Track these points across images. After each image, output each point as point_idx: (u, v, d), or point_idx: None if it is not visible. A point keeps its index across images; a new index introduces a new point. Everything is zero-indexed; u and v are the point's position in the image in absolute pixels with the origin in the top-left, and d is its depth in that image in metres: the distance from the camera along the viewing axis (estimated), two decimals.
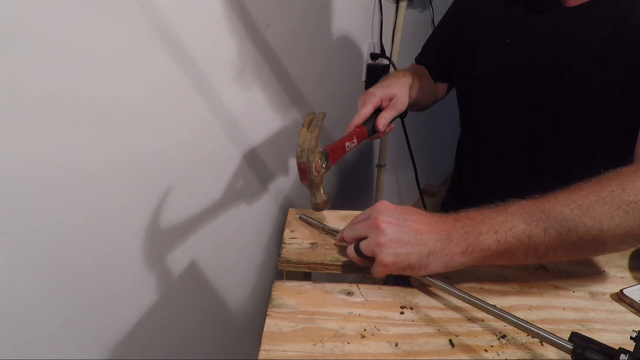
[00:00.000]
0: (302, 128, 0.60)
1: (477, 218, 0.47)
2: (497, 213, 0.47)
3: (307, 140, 0.58)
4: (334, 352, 0.43)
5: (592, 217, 0.44)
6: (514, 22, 0.72)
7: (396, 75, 0.78)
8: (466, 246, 0.45)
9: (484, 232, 0.46)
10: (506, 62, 0.74)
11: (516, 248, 0.45)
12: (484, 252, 0.45)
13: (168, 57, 0.63)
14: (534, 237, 0.44)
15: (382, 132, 0.71)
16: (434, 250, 0.46)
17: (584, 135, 0.71)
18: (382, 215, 0.49)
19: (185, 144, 0.71)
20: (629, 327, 0.47)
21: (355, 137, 0.67)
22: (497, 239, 0.45)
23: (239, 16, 0.73)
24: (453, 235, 0.46)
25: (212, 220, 0.83)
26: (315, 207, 0.64)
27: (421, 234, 0.47)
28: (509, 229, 0.45)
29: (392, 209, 0.50)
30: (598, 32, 0.64)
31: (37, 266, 0.54)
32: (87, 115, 0.54)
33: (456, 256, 0.46)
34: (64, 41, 0.50)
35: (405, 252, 0.46)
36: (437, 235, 0.47)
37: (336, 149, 0.64)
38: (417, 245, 0.47)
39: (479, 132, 0.85)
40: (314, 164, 0.60)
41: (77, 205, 0.57)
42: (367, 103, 0.68)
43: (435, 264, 0.46)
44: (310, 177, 0.60)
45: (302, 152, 0.58)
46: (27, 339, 0.56)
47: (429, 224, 0.48)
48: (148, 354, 0.77)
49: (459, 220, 0.48)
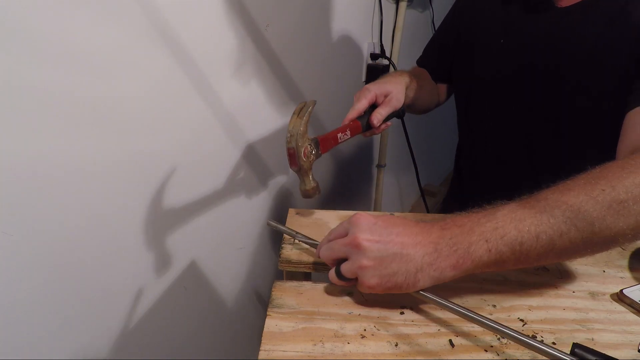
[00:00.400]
0: (293, 115, 0.62)
1: (466, 225, 0.44)
2: (486, 219, 0.44)
3: (297, 126, 0.60)
4: (334, 352, 0.43)
5: (583, 219, 0.42)
6: (511, 23, 0.73)
7: (393, 74, 0.78)
8: (456, 259, 0.43)
9: (474, 241, 0.43)
10: (504, 62, 0.74)
11: (508, 257, 0.43)
12: (474, 263, 0.43)
13: (168, 57, 0.63)
14: (525, 245, 0.42)
15: (377, 127, 0.70)
16: (421, 266, 0.43)
17: (583, 135, 0.71)
18: (362, 233, 0.45)
19: (185, 144, 0.71)
20: (629, 327, 0.47)
21: (349, 129, 0.68)
22: (488, 249, 0.42)
23: (239, 16, 0.73)
24: (441, 248, 0.43)
25: (212, 220, 0.83)
26: (305, 194, 0.64)
27: (407, 248, 0.44)
28: (500, 237, 0.42)
29: (372, 223, 0.46)
30: (591, 32, 0.64)
31: (37, 266, 0.54)
32: (86, 115, 0.54)
33: (446, 270, 0.43)
34: (64, 41, 0.50)
35: (391, 272, 0.43)
36: (424, 249, 0.43)
37: (328, 138, 0.65)
38: (403, 262, 0.43)
39: (477, 132, 0.85)
40: (303, 148, 0.61)
41: (77, 205, 0.57)
42: (361, 98, 0.69)
43: (424, 280, 0.43)
44: (299, 162, 0.61)
45: (292, 137, 0.60)
46: (27, 339, 0.56)
47: (414, 236, 0.44)
48: (148, 354, 0.77)
49: (446, 229, 0.45)
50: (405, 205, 2.15)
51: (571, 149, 0.73)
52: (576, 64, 0.66)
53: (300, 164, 0.61)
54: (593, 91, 0.66)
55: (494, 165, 0.83)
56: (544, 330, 0.46)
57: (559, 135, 0.73)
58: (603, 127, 0.69)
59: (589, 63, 0.65)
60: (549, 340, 0.45)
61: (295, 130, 0.60)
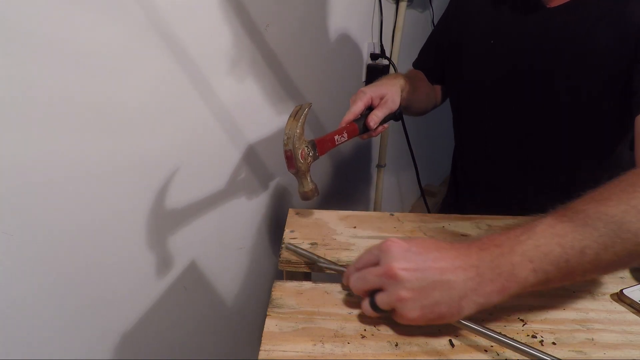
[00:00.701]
0: (289, 118, 0.62)
1: (505, 245, 0.41)
2: (525, 236, 0.41)
3: (293, 128, 0.61)
4: (334, 352, 0.43)
5: (627, 230, 0.40)
6: (501, 23, 0.73)
7: (388, 77, 0.78)
8: (501, 283, 0.40)
9: (517, 262, 0.40)
10: (493, 63, 0.74)
11: (554, 275, 0.40)
12: (520, 285, 0.40)
13: (168, 57, 0.63)
14: (571, 262, 0.40)
15: (374, 129, 0.71)
16: (465, 292, 0.40)
17: (574, 135, 0.71)
18: (396, 261, 0.41)
19: (186, 144, 0.71)
20: (629, 327, 0.47)
21: (346, 132, 0.68)
22: (533, 269, 0.40)
23: (239, 16, 0.73)
24: (484, 272, 0.40)
25: (212, 220, 0.83)
26: (303, 196, 0.64)
27: (446, 273, 0.40)
28: (544, 255, 0.40)
29: (405, 250, 0.42)
30: (576, 32, 0.65)
31: (37, 266, 0.54)
32: (87, 116, 0.54)
33: (492, 295, 0.40)
34: (64, 41, 0.50)
35: (433, 302, 0.40)
36: (466, 274, 0.40)
37: (325, 140, 0.66)
38: (445, 289, 0.40)
39: (469, 133, 0.85)
40: (300, 151, 0.61)
41: (77, 205, 0.57)
42: (357, 101, 0.69)
43: (468, 307, 0.40)
44: (297, 164, 0.61)
45: (288, 140, 0.60)
46: (28, 339, 0.56)
47: (453, 260, 0.41)
48: (148, 354, 0.77)
49: (485, 249, 0.41)
50: (405, 205, 2.15)
51: (562, 148, 0.73)
52: (565, 64, 0.66)
53: (297, 166, 0.62)
54: (583, 91, 0.66)
55: (486, 166, 0.84)
56: (544, 330, 0.46)
57: (549, 136, 0.73)
58: (596, 126, 0.69)
59: (578, 63, 0.65)
60: (549, 340, 0.45)
61: (291, 133, 0.60)
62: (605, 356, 0.44)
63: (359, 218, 0.67)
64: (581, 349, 0.44)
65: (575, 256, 0.40)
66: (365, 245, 0.60)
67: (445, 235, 0.63)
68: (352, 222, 0.66)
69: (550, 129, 0.72)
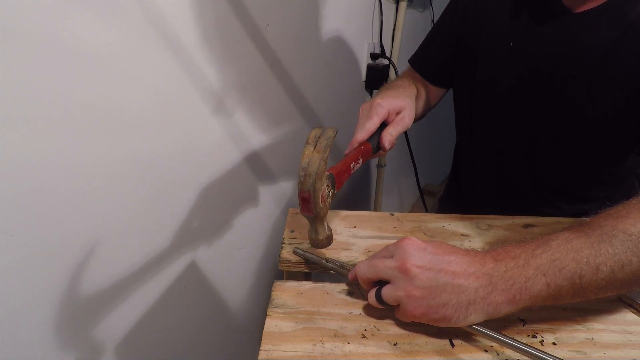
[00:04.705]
0: (307, 146, 0.47)
1: (521, 257, 0.41)
2: (541, 250, 0.41)
3: (314, 164, 0.45)
4: (334, 352, 0.43)
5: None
6: (521, 27, 0.70)
7: (402, 84, 0.73)
8: (513, 294, 0.40)
9: (531, 276, 0.40)
10: (512, 66, 0.71)
11: (566, 291, 0.40)
12: (532, 298, 0.40)
13: (169, 58, 0.63)
14: (585, 278, 0.40)
15: (387, 150, 0.63)
16: (474, 299, 0.40)
17: (586, 144, 0.69)
18: (411, 258, 0.42)
19: (186, 144, 0.71)
20: (629, 327, 0.47)
21: (361, 156, 0.57)
22: (546, 283, 0.40)
23: (239, 16, 0.73)
24: (496, 281, 0.40)
25: (213, 220, 0.83)
26: (315, 244, 0.53)
27: (458, 278, 0.41)
28: (559, 270, 0.40)
29: (422, 249, 0.43)
30: (603, 39, 0.61)
31: (37, 266, 0.54)
32: (88, 117, 0.54)
33: (501, 306, 0.40)
34: (65, 43, 0.50)
35: (440, 303, 0.40)
36: (478, 281, 0.40)
37: (342, 172, 0.53)
38: (455, 293, 0.40)
39: (479, 135, 0.83)
40: (321, 192, 0.48)
41: (77, 205, 0.57)
42: (373, 115, 0.60)
43: (476, 314, 0.40)
44: (316, 209, 0.48)
45: (307, 178, 0.46)
46: (27, 339, 0.56)
47: (467, 266, 0.41)
48: (148, 354, 0.77)
49: (500, 260, 0.42)
50: (405, 205, 2.16)
51: (572, 157, 0.71)
52: (587, 71, 0.63)
53: (316, 211, 0.48)
54: (601, 101, 0.63)
55: (494, 169, 0.82)
56: (544, 330, 0.46)
57: (561, 143, 0.71)
58: (607, 136, 0.67)
59: (601, 72, 0.62)
60: (549, 340, 0.45)
61: (312, 169, 0.45)
62: (605, 356, 0.44)
63: (358, 218, 0.67)
64: (581, 349, 0.44)
65: (589, 272, 0.40)
66: (365, 245, 0.60)
67: (445, 235, 0.63)
68: (352, 222, 0.66)
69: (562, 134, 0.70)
